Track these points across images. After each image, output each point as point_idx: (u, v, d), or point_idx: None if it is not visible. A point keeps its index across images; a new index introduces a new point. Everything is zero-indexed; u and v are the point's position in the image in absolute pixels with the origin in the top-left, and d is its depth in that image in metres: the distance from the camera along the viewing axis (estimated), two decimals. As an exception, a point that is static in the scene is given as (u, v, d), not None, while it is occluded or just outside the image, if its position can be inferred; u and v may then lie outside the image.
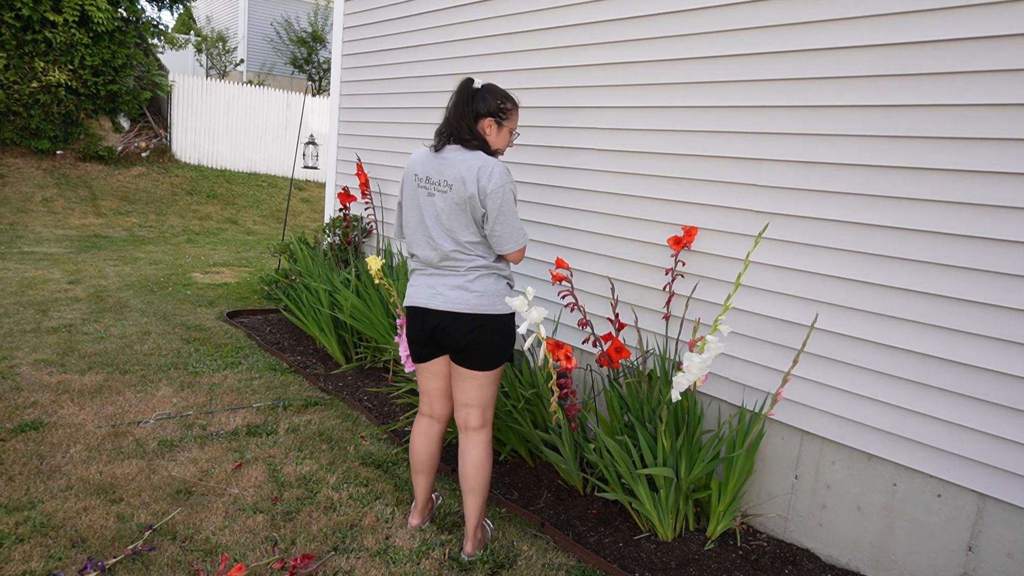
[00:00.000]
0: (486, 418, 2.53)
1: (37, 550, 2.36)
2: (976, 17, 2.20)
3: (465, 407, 2.52)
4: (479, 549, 2.55)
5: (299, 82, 18.61)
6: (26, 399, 3.57)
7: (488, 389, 2.50)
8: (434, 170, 2.40)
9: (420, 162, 2.44)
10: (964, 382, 2.29)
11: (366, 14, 5.08)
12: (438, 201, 2.37)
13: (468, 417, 2.52)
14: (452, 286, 2.40)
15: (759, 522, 2.87)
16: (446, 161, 2.38)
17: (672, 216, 3.07)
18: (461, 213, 2.36)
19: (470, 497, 2.51)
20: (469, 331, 2.40)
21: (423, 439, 2.63)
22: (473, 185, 2.32)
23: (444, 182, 2.36)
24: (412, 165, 2.47)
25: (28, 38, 10.23)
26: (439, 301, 2.40)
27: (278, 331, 5.23)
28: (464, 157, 2.37)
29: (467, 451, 2.52)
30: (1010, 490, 2.22)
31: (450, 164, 2.37)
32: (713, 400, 3.00)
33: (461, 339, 2.41)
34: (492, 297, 2.41)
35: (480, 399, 2.50)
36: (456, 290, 2.39)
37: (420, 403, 2.66)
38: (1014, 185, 2.16)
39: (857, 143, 2.48)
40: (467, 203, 2.34)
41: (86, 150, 11.28)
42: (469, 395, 2.50)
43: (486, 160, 2.37)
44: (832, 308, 2.58)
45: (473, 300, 2.39)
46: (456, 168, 2.35)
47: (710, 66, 2.90)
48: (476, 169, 2.33)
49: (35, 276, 6.38)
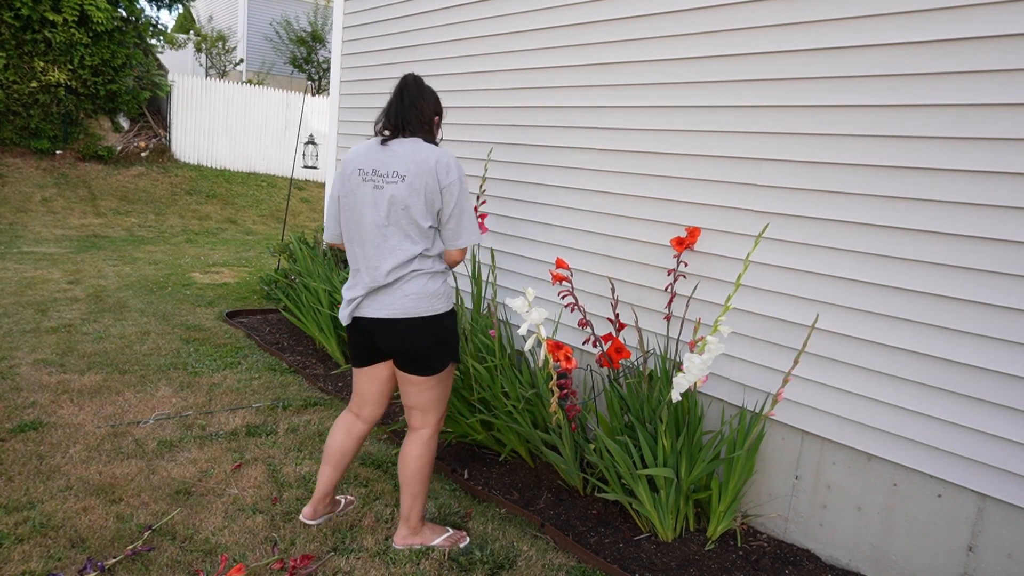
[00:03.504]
0: (427, 420, 2.49)
1: (37, 550, 2.36)
2: (976, 17, 2.20)
3: (408, 408, 2.50)
4: (406, 544, 2.53)
5: (299, 82, 18.60)
6: (26, 399, 3.56)
7: (430, 393, 2.46)
8: (381, 163, 2.31)
9: (363, 156, 2.35)
10: (964, 382, 2.29)
11: (366, 14, 5.08)
12: (388, 192, 2.28)
13: (411, 417, 2.51)
14: (387, 291, 2.33)
15: (759, 522, 2.87)
16: (395, 153, 2.30)
17: (672, 216, 3.07)
18: (414, 204, 2.28)
19: (401, 489, 2.52)
20: (405, 337, 2.35)
21: (343, 434, 2.59)
22: (431, 177, 2.28)
23: (395, 172, 2.28)
24: (352, 161, 2.37)
25: (28, 38, 10.22)
26: (373, 309, 2.35)
27: (278, 331, 5.23)
28: (416, 148, 2.31)
29: (404, 446, 2.53)
30: (1010, 490, 2.22)
31: (400, 155, 2.29)
32: (713, 400, 2.99)
33: (398, 345, 2.37)
34: (428, 299, 2.34)
35: (421, 403, 2.46)
36: (390, 294, 2.33)
37: (350, 402, 2.62)
38: (1014, 185, 2.16)
39: (857, 143, 2.48)
40: (422, 193, 2.28)
41: (86, 150, 11.28)
42: (411, 398, 2.47)
43: (441, 152, 2.33)
44: (832, 308, 2.58)
45: (408, 304, 2.32)
46: (407, 159, 2.28)
47: (710, 66, 2.90)
48: (433, 161, 2.29)
49: (35, 276, 6.37)
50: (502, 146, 3.91)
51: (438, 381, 2.46)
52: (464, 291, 4.23)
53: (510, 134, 3.86)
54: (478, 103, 4.08)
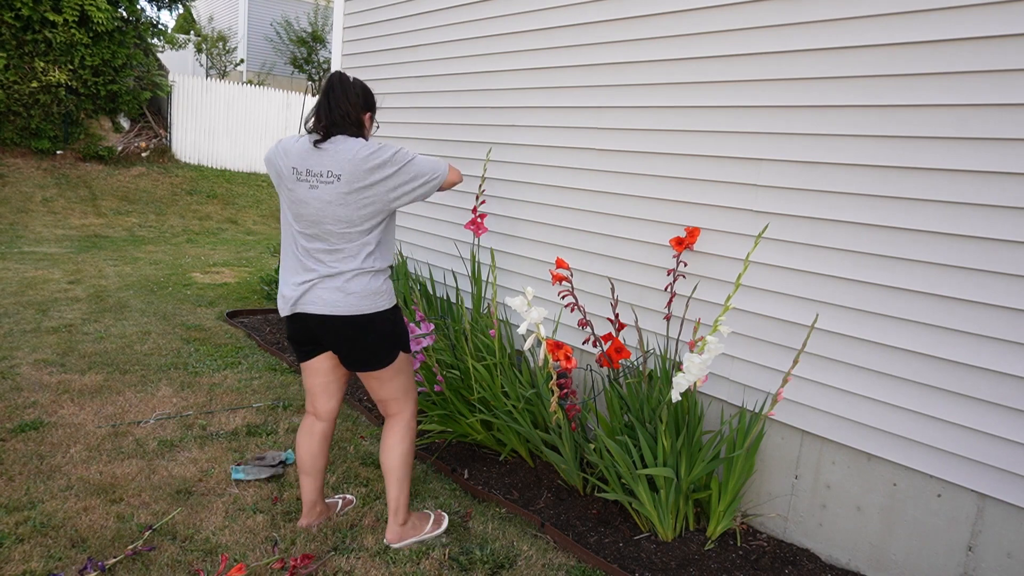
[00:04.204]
0: (401, 407, 2.53)
1: (37, 550, 2.36)
2: (976, 17, 2.20)
3: (379, 401, 2.55)
4: (404, 540, 2.53)
5: (299, 82, 18.61)
6: (26, 399, 3.57)
7: (393, 383, 2.48)
8: (314, 162, 2.30)
9: (296, 155, 2.33)
10: (964, 382, 2.29)
11: (366, 14, 5.08)
12: (323, 193, 2.28)
13: (385, 407, 2.56)
14: (330, 288, 2.32)
15: (759, 522, 2.87)
16: (327, 152, 2.30)
17: (672, 216, 3.07)
18: (351, 202, 2.28)
19: (386, 480, 2.54)
20: (351, 334, 2.36)
21: (306, 437, 2.59)
22: (370, 171, 2.29)
23: (329, 172, 2.28)
24: (285, 157, 2.35)
25: (28, 38, 10.23)
26: (317, 306, 2.33)
27: (278, 331, 5.23)
28: (349, 146, 2.30)
29: (385, 435, 2.55)
30: (1010, 490, 2.22)
31: (331, 154, 2.29)
32: (713, 400, 3.00)
33: (344, 343, 2.37)
34: (372, 297, 2.35)
35: (388, 393, 2.50)
36: (334, 292, 2.32)
37: (306, 400, 2.62)
38: (1014, 185, 2.16)
39: (857, 143, 2.48)
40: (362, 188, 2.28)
41: (86, 150, 11.28)
42: (377, 393, 2.52)
43: (365, 143, 2.33)
44: (832, 308, 2.58)
45: (353, 302, 2.32)
46: (340, 157, 2.28)
47: (710, 66, 2.90)
48: (365, 155, 2.29)
49: (35, 276, 6.38)
50: (502, 146, 3.91)
51: (396, 372, 2.47)
52: (464, 291, 4.23)
53: (510, 134, 3.87)
54: (478, 103, 4.08)
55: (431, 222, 4.52)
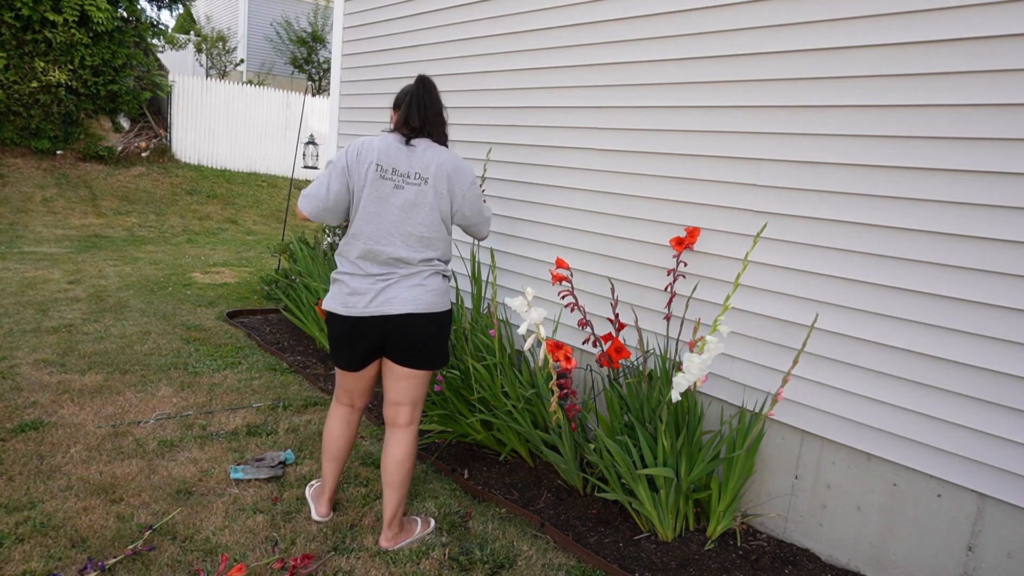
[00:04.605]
0: (415, 415, 2.52)
1: (37, 550, 2.36)
2: (976, 17, 2.20)
3: (396, 405, 2.50)
4: (399, 543, 2.54)
5: (299, 82, 18.61)
6: (26, 399, 3.57)
7: (425, 387, 2.52)
8: (402, 162, 2.35)
9: (382, 152, 2.36)
10: (964, 382, 2.29)
11: (366, 14, 5.08)
12: (408, 194, 2.34)
13: (398, 415, 2.51)
14: (408, 286, 2.36)
15: (759, 522, 2.87)
16: (416, 154, 2.36)
17: (672, 216, 3.07)
18: (434, 207, 2.36)
19: (389, 491, 2.50)
20: (424, 330, 2.39)
21: (344, 427, 2.61)
22: (452, 179, 2.38)
23: (417, 175, 2.34)
24: (368, 153, 2.36)
25: (28, 38, 10.23)
26: (395, 305, 2.35)
27: (278, 331, 5.23)
28: (437, 151, 2.39)
29: (391, 447, 2.50)
30: (1010, 490, 2.22)
31: (420, 157, 2.36)
32: (713, 400, 3.00)
33: (417, 339, 2.39)
34: (443, 295, 2.43)
35: (415, 397, 2.49)
36: (414, 289, 2.36)
37: (338, 396, 2.62)
38: (1014, 185, 2.16)
39: (857, 143, 2.48)
40: (445, 197, 2.37)
41: (86, 150, 11.28)
42: (406, 394, 2.48)
43: (455, 155, 2.43)
44: (832, 308, 2.58)
45: (431, 299, 2.39)
46: (429, 161, 2.35)
47: (710, 66, 2.90)
48: (452, 165, 2.39)
49: (35, 276, 6.38)
50: (502, 146, 3.91)
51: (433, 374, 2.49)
52: (464, 291, 4.23)
53: (510, 134, 3.87)
54: (478, 103, 4.08)
55: (431, 222, 4.51)
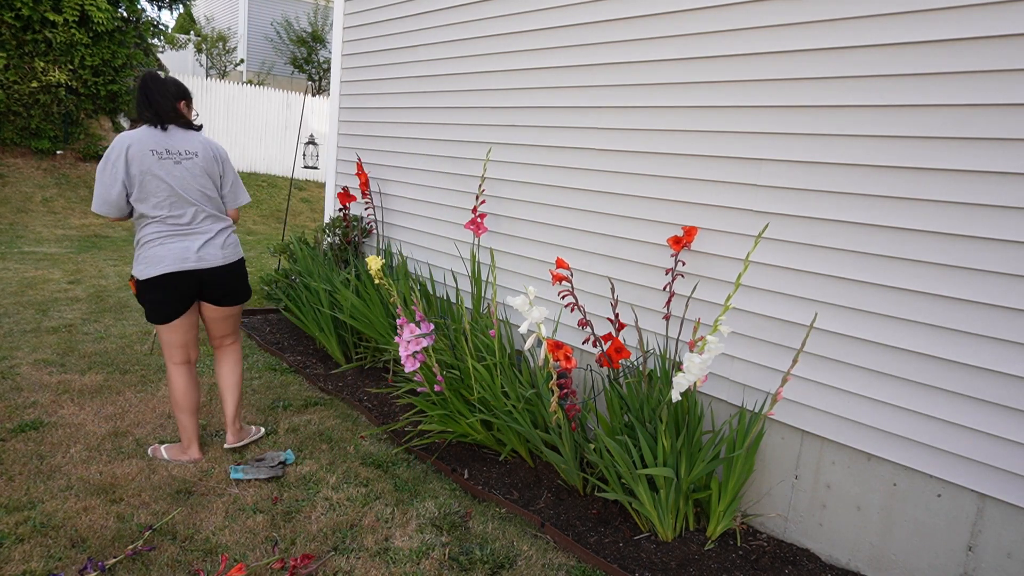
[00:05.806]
0: (238, 337, 3.25)
1: (37, 550, 2.36)
2: (976, 17, 2.20)
3: (223, 336, 3.18)
4: (242, 440, 3.20)
5: (299, 82, 18.61)
6: (26, 399, 3.57)
7: (239, 316, 3.21)
8: (170, 144, 2.86)
9: (150, 139, 2.83)
10: (964, 382, 2.29)
11: (366, 14, 5.08)
12: (188, 166, 2.87)
13: (225, 339, 3.20)
14: (215, 246, 2.96)
15: (759, 522, 2.87)
16: (176, 136, 2.88)
17: (672, 216, 3.07)
18: (206, 174, 2.93)
19: (228, 395, 3.19)
20: (233, 277, 3.04)
21: (191, 383, 3.07)
22: (212, 151, 2.95)
23: (187, 151, 2.88)
24: (141, 142, 2.81)
25: (28, 38, 10.23)
26: (208, 261, 2.93)
27: (278, 331, 5.23)
28: (189, 133, 2.92)
29: (227, 360, 3.21)
30: (1010, 490, 2.22)
31: (181, 138, 2.89)
32: (713, 400, 3.00)
33: (230, 285, 3.04)
34: (238, 247, 3.08)
35: (236, 326, 3.21)
36: (219, 248, 2.97)
37: (174, 355, 3.03)
38: (1014, 185, 2.16)
39: (857, 143, 2.49)
40: (211, 165, 2.95)
41: (86, 150, 11.28)
42: (229, 326, 3.17)
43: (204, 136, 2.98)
44: (832, 308, 2.58)
45: (229, 253, 3.02)
46: (190, 140, 2.91)
47: (710, 66, 2.90)
48: (205, 141, 2.96)
49: (35, 276, 6.38)
50: (501, 146, 3.91)
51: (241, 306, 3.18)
52: (464, 291, 4.23)
53: (509, 134, 3.87)
54: (478, 103, 4.09)
55: (431, 222, 4.52)
